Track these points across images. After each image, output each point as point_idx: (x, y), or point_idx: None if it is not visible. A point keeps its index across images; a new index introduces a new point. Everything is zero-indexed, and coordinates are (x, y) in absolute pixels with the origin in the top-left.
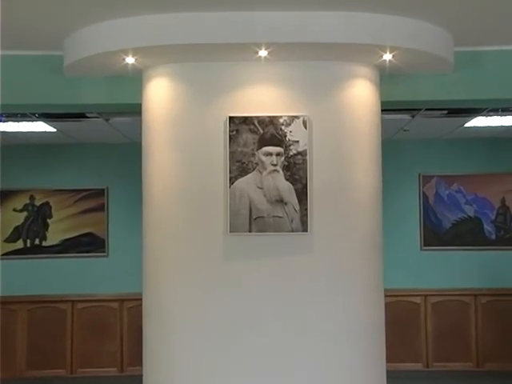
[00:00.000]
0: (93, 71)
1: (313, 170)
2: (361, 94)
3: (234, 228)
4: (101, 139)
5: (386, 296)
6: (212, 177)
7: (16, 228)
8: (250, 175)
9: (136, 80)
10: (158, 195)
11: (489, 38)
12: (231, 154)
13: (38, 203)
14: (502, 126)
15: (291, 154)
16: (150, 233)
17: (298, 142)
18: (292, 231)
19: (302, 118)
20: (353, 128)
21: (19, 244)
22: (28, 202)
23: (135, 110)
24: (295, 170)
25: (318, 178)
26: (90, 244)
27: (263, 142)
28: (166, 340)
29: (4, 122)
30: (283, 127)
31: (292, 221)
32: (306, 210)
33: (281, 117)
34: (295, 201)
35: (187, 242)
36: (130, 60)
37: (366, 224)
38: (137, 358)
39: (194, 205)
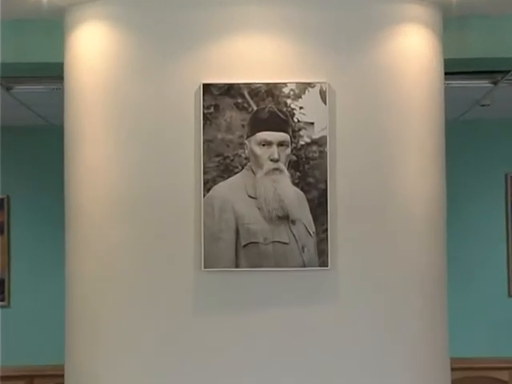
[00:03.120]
0: None
1: (336, 169)
2: (412, 49)
3: (210, 261)
4: None
5: (453, 369)
6: (176, 180)
7: None
8: (236, 177)
9: (55, 27)
10: (91, 210)
11: None
12: (207, 143)
13: None
14: None
15: (302, 143)
16: (77, 270)
17: (312, 124)
18: (303, 266)
19: (318, 87)
20: (400, 102)
21: None
22: None
23: (54, 74)
24: (308, 168)
25: (344, 182)
26: None
27: (258, 124)
28: None
29: None
30: (289, 101)
31: (303, 249)
32: (326, 231)
33: (285, 85)
34: (308, 217)
35: (136, 285)
36: None
37: (420, 255)
38: None
39: (147, 225)
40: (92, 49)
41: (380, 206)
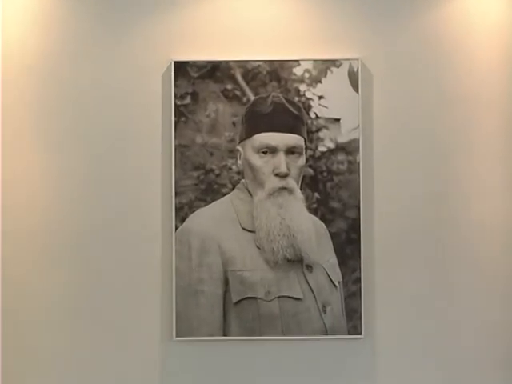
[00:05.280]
0: None
1: (373, 188)
2: (483, 10)
3: (185, 327)
4: None
5: None
6: (135, 206)
7: None
8: (224, 201)
9: None
10: (7, 253)
11: None
12: (180, 150)
13: None
14: None
15: (323, 149)
16: None
17: (337, 121)
18: (325, 333)
19: (347, 66)
20: (467, 89)
21: None
22: None
23: None
24: (332, 187)
25: (385, 208)
26: None
27: (257, 121)
28: None
29: None
30: (304, 87)
31: (325, 308)
32: (359, 282)
33: (298, 63)
34: (332, 261)
35: (77, 364)
36: None
37: (498, 318)
38: None
39: (91, 274)
40: (14, 13)
41: (439, 242)
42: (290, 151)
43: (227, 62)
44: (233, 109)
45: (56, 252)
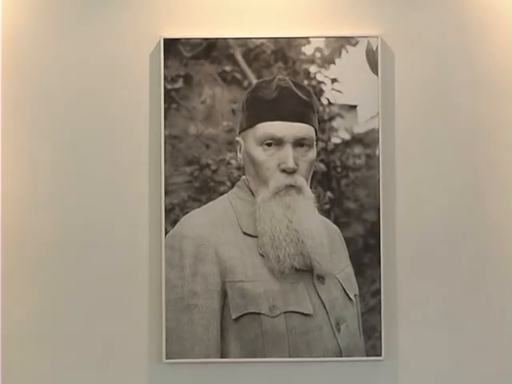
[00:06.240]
0: None
1: (395, 186)
2: None
3: (177, 348)
4: None
5: None
6: (119, 207)
7: None
8: (222, 201)
9: None
10: None
11: None
12: (171, 142)
13: None
14: None
15: (337, 141)
16: None
17: (354, 108)
18: (339, 354)
19: (364, 45)
20: (503, 71)
21: None
22: None
23: None
24: (347, 185)
25: (409, 209)
26: None
27: (260, 109)
28: None
29: None
30: (314, 69)
31: (338, 326)
32: (379, 295)
33: (307, 40)
34: (347, 271)
35: None
36: None
37: None
38: None
39: (68, 288)
40: None
41: (471, 249)
42: (299, 143)
43: (225, 39)
44: (232, 94)
45: (31, 263)
